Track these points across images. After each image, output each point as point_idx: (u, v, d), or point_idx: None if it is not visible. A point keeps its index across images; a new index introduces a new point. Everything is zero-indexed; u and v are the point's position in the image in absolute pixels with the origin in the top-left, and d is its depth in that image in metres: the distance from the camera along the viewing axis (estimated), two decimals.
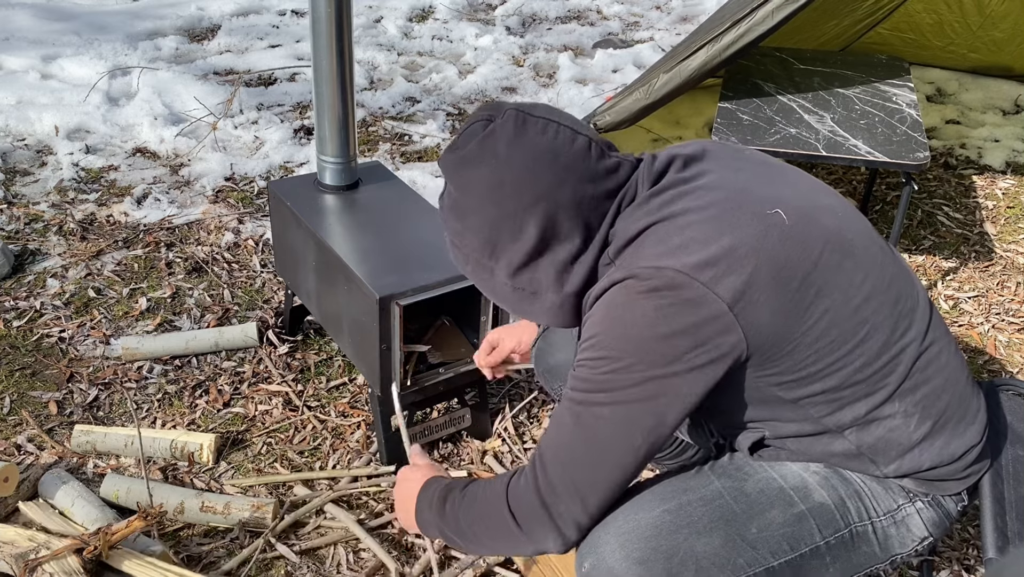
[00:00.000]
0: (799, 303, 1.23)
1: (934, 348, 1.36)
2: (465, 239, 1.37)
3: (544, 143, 1.30)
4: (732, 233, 1.23)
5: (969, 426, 1.39)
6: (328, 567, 2.00)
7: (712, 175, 1.33)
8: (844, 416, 1.33)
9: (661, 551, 1.30)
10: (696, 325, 1.20)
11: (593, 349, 1.26)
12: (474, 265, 1.39)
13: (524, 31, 5.54)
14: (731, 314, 1.20)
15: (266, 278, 3.01)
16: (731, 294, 1.20)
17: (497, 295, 1.41)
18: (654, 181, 1.34)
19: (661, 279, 1.20)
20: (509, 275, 1.36)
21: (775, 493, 1.37)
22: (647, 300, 1.21)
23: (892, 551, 1.41)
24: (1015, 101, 4.53)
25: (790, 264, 1.23)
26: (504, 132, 1.30)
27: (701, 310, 1.20)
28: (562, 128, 1.31)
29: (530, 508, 1.31)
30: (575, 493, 1.28)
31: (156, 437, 2.27)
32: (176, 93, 4.25)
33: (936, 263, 3.26)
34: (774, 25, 2.69)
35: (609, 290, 1.26)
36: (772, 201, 1.28)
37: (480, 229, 1.33)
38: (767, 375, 1.29)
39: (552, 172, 1.29)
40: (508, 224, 1.31)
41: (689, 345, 1.20)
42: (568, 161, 1.30)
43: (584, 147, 1.31)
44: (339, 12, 2.17)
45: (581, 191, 1.30)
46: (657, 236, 1.26)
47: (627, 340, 1.22)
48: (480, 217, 1.33)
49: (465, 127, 1.36)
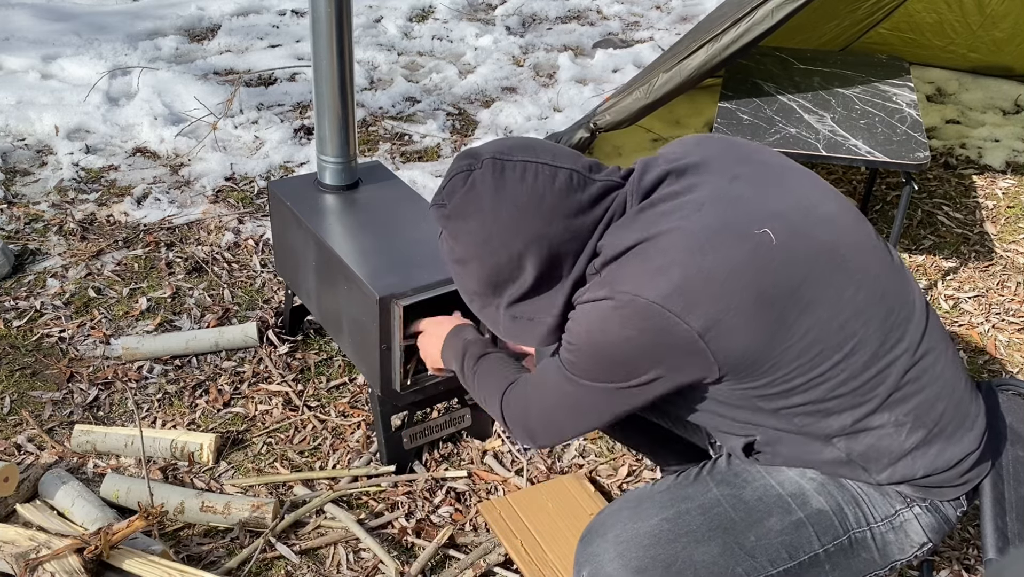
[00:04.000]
0: (780, 324, 1.24)
1: (929, 357, 1.35)
2: (467, 282, 1.43)
3: (525, 189, 1.32)
4: (714, 256, 1.24)
5: (967, 433, 1.38)
6: (328, 567, 2.00)
7: (705, 188, 1.32)
8: (830, 425, 1.32)
9: (660, 560, 1.30)
10: (663, 351, 1.25)
11: (569, 352, 1.35)
12: (480, 303, 1.45)
13: (524, 31, 5.54)
14: (702, 342, 1.23)
15: (266, 278, 3.01)
16: (702, 322, 1.22)
17: (499, 328, 1.46)
18: (644, 195, 1.35)
19: (634, 308, 1.24)
20: (506, 307, 1.41)
21: (773, 500, 1.37)
22: (619, 328, 1.26)
23: (891, 557, 1.41)
24: (1015, 101, 4.52)
25: (773, 286, 1.24)
26: (484, 184, 1.34)
27: (669, 338, 1.24)
28: (541, 168, 1.33)
29: (513, 418, 1.51)
30: (548, 426, 1.46)
31: (156, 437, 2.27)
32: (176, 93, 4.25)
33: (936, 263, 3.26)
34: (774, 24, 2.69)
35: (590, 304, 1.30)
36: (764, 216, 1.28)
37: (480, 274, 1.39)
38: (745, 388, 1.30)
39: (539, 216, 1.32)
40: (505, 268, 1.36)
41: (652, 365, 1.27)
42: (553, 201, 1.32)
43: (566, 182, 1.33)
44: (339, 12, 2.17)
45: (570, 225, 1.33)
46: (640, 257, 1.28)
47: (596, 359, 1.31)
48: (477, 264, 1.38)
49: (447, 179, 1.39)
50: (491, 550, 2.03)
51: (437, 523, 2.12)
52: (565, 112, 4.28)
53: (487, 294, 1.41)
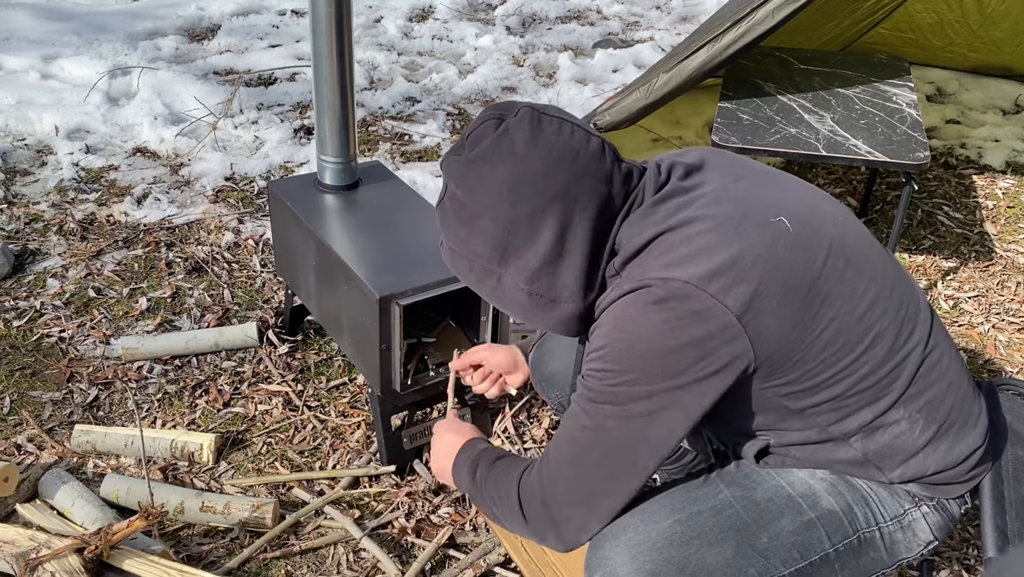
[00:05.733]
0: (807, 311, 1.23)
1: (936, 353, 1.36)
2: (470, 245, 1.32)
3: (562, 142, 1.26)
4: (739, 242, 1.22)
5: (972, 430, 1.39)
6: (328, 567, 2.00)
7: (713, 184, 1.32)
8: (850, 424, 1.32)
9: (673, 562, 1.30)
10: (703, 337, 1.19)
11: (601, 361, 1.25)
12: (479, 272, 1.34)
13: (524, 31, 5.54)
14: (739, 325, 1.19)
15: (266, 278, 3.01)
16: (739, 304, 1.19)
17: (507, 301, 1.35)
18: (658, 189, 1.32)
19: (669, 290, 1.19)
20: (526, 280, 1.30)
21: (784, 501, 1.37)
22: (655, 312, 1.20)
23: (898, 556, 1.41)
24: (1015, 101, 4.53)
25: (797, 272, 1.23)
26: (520, 130, 1.27)
27: (709, 322, 1.19)
28: (577, 128, 1.29)
29: (534, 508, 1.34)
30: (579, 501, 1.30)
31: (156, 437, 2.27)
32: (176, 93, 4.25)
33: (936, 263, 3.26)
34: (774, 25, 2.68)
35: (617, 301, 1.25)
36: (775, 208, 1.28)
37: (491, 233, 1.29)
38: (774, 385, 1.28)
39: (572, 171, 1.26)
40: (523, 226, 1.27)
41: (696, 357, 1.20)
42: (586, 161, 1.27)
43: (599, 148, 1.29)
44: (339, 12, 2.17)
45: (599, 192, 1.27)
46: (663, 247, 1.24)
47: (634, 354, 1.22)
48: (491, 219, 1.28)
49: (473, 128, 1.31)
50: (491, 550, 2.03)
51: (437, 523, 2.12)
52: None
53: (492, 260, 1.30)
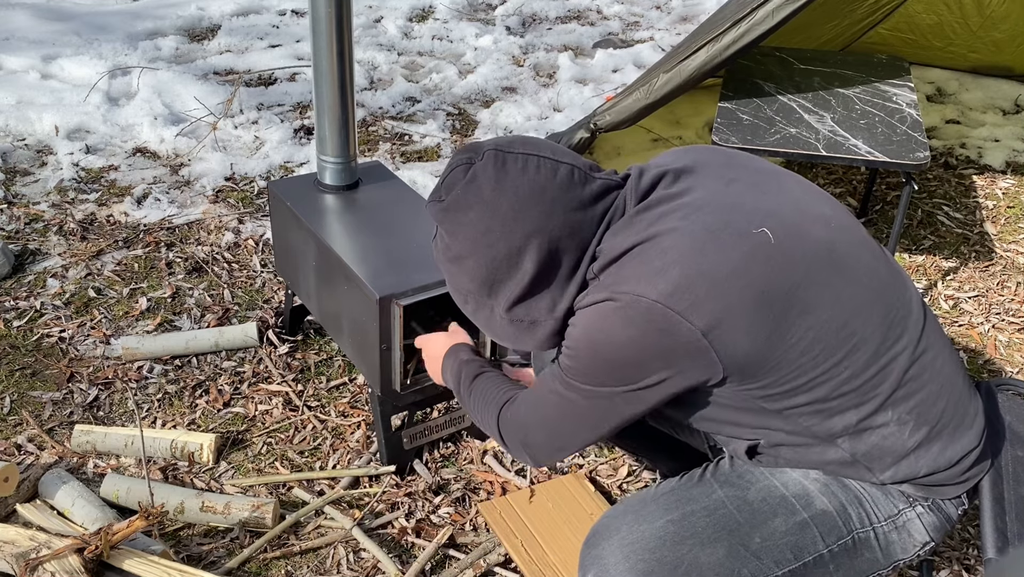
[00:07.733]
0: (781, 323, 1.24)
1: (928, 355, 1.35)
2: (462, 282, 1.40)
3: (527, 181, 1.31)
4: (714, 256, 1.24)
5: (967, 431, 1.38)
6: (328, 567, 2.00)
7: (701, 190, 1.32)
8: (834, 425, 1.32)
9: (666, 563, 1.30)
10: (666, 351, 1.24)
11: (570, 360, 1.32)
12: (474, 304, 1.42)
13: (524, 31, 5.54)
14: (705, 341, 1.22)
15: (266, 278, 3.01)
16: (706, 321, 1.21)
17: (495, 331, 1.44)
18: (641, 197, 1.34)
19: (636, 308, 1.23)
20: (505, 309, 1.38)
21: (777, 501, 1.37)
22: (621, 328, 1.24)
23: (894, 557, 1.41)
24: (1015, 101, 4.52)
25: (773, 285, 1.24)
26: (486, 175, 1.32)
27: (673, 338, 1.22)
28: (543, 161, 1.32)
29: (511, 437, 1.48)
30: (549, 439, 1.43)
31: (156, 437, 2.27)
32: (176, 93, 4.25)
33: (936, 263, 3.26)
34: (774, 25, 2.69)
35: (590, 308, 1.29)
36: (761, 216, 1.28)
37: (476, 272, 1.36)
38: (748, 389, 1.29)
39: (540, 208, 1.31)
40: (504, 264, 1.33)
41: (658, 367, 1.25)
42: (554, 194, 1.31)
43: (567, 176, 1.32)
44: (339, 12, 2.17)
45: (571, 220, 1.32)
46: (640, 258, 1.27)
47: (597, 362, 1.29)
48: (474, 260, 1.35)
49: (445, 174, 1.37)
50: (491, 550, 2.03)
51: (437, 523, 2.12)
52: (565, 112, 4.28)
53: (483, 294, 1.38)
